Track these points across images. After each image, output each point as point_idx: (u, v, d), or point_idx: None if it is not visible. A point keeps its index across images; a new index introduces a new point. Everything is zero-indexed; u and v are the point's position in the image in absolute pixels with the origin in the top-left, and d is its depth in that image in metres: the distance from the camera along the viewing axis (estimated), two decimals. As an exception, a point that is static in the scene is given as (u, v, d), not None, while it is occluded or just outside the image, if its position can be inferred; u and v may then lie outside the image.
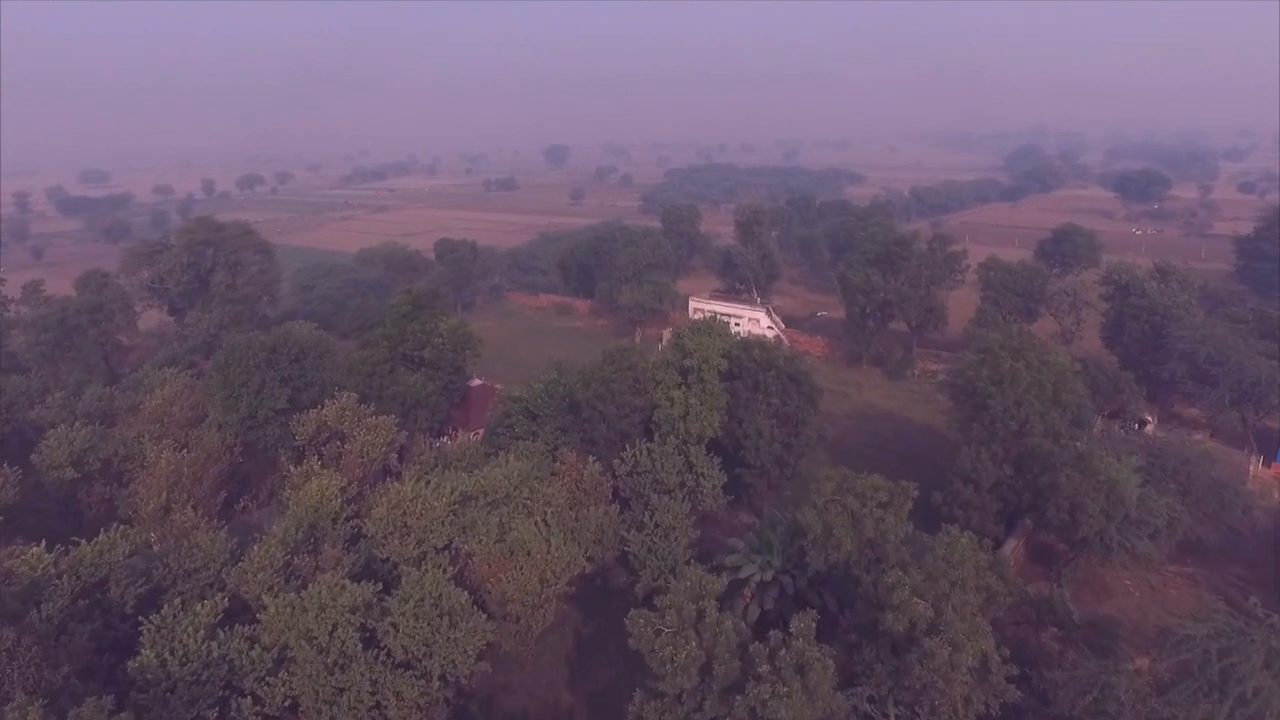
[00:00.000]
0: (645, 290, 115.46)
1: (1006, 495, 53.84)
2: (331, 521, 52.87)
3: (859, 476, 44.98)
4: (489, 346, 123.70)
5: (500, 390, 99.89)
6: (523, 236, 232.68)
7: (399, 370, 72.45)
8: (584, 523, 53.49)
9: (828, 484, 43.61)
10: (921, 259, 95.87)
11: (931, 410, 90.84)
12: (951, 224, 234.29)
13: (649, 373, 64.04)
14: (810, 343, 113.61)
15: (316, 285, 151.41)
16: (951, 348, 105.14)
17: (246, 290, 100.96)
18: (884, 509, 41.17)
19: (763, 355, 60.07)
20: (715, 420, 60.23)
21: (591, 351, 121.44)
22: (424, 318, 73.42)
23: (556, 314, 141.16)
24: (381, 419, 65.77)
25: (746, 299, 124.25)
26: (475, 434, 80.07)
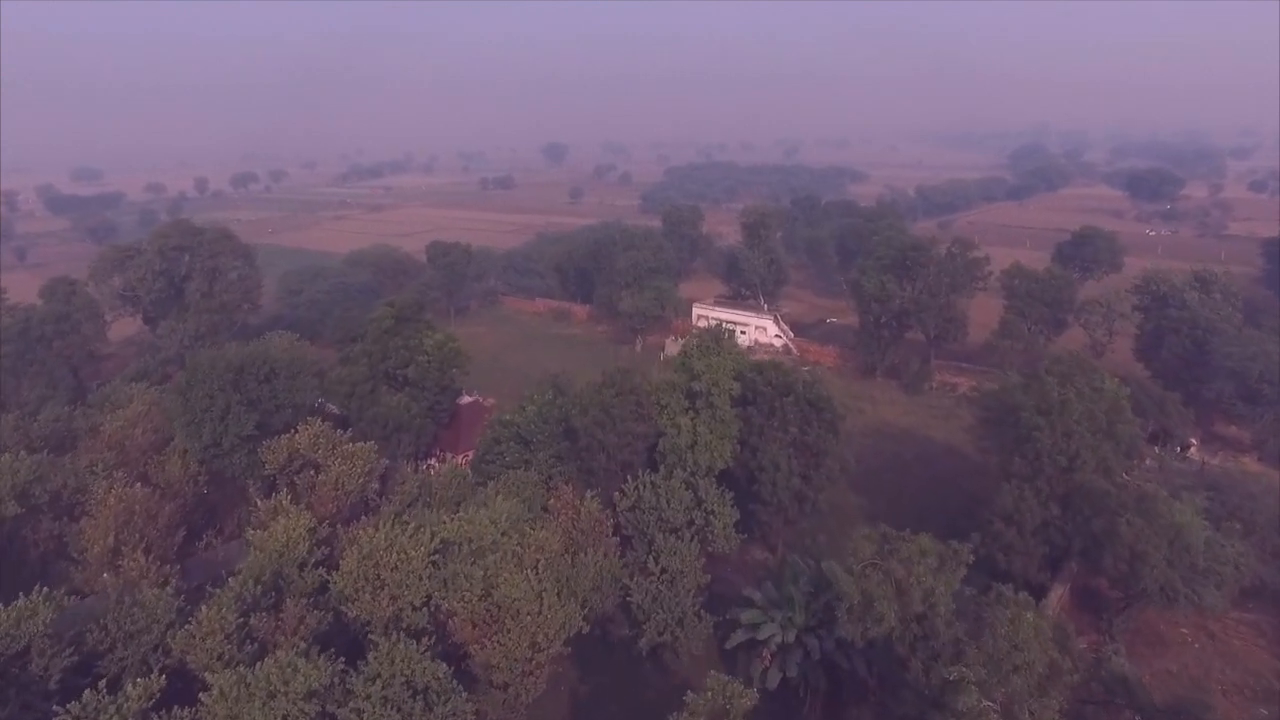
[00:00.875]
0: (646, 296, 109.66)
1: (1053, 538, 48.15)
2: (299, 569, 47.09)
3: (902, 537, 39.18)
4: (483, 354, 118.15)
5: (493, 406, 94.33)
6: (520, 237, 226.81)
7: (380, 390, 66.65)
8: (581, 569, 47.76)
9: (866, 545, 37.95)
10: (940, 266, 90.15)
11: (953, 428, 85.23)
12: (958, 224, 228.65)
13: (653, 396, 58.28)
14: (821, 352, 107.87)
15: (304, 289, 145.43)
16: (972, 359, 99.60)
17: (224, 298, 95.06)
18: (933, 575, 35.45)
19: (780, 379, 54.30)
20: (727, 450, 54.50)
21: (590, 360, 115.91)
22: (408, 332, 67.58)
23: (554, 319, 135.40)
24: (360, 445, 59.97)
25: (753, 305, 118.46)
26: (465, 457, 74.41)
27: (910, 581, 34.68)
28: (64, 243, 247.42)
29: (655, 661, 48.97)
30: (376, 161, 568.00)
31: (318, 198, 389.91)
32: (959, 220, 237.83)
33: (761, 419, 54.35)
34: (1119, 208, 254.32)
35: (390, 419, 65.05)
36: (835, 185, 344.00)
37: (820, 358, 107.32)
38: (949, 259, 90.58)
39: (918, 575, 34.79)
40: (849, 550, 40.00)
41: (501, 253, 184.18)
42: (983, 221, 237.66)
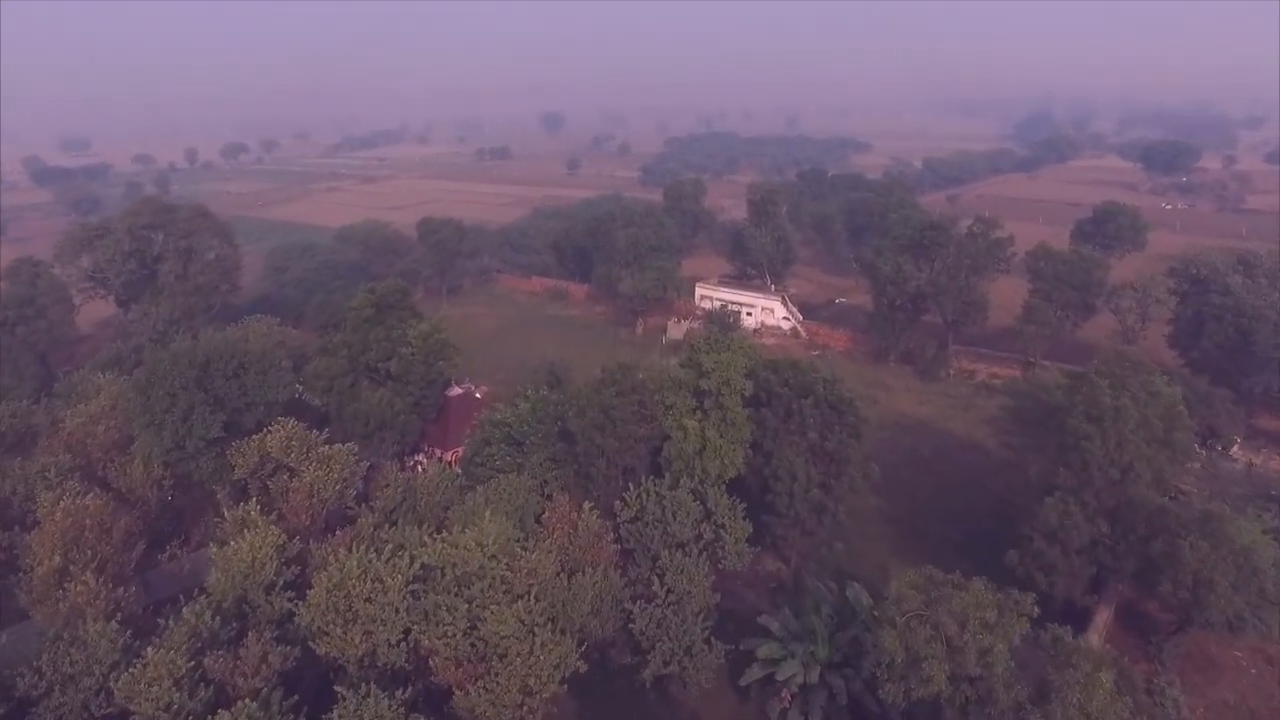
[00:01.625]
0: (648, 277, 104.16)
1: (1101, 558, 43.45)
2: (265, 593, 42.46)
3: (953, 582, 34.28)
4: (476, 337, 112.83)
5: (486, 395, 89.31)
6: (516, 211, 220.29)
7: (362, 384, 61.55)
8: (578, 592, 43.10)
9: (910, 594, 33.15)
10: (960, 246, 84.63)
11: (973, 419, 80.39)
12: (967, 197, 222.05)
13: (657, 395, 53.23)
14: (831, 336, 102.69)
15: (291, 267, 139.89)
16: (990, 344, 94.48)
17: (200, 280, 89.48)
18: (990, 632, 30.70)
19: (797, 379, 49.20)
20: (739, 457, 49.61)
21: (589, 345, 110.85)
22: (391, 321, 62.32)
23: (550, 299, 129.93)
24: (337, 448, 55.05)
25: (759, 286, 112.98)
26: (455, 454, 69.64)
27: (964, 640, 29.97)
28: (48, 216, 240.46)
29: (661, 693, 44.50)
30: (371, 131, 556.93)
31: (310, 168, 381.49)
32: (967, 193, 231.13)
33: (777, 422, 49.36)
34: (1132, 180, 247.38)
35: (372, 416, 60.02)
36: (838, 156, 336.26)
37: (830, 341, 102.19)
38: (970, 239, 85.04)
39: (973, 631, 30.04)
40: (891, 599, 35.02)
41: (496, 228, 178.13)
42: (992, 194, 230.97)
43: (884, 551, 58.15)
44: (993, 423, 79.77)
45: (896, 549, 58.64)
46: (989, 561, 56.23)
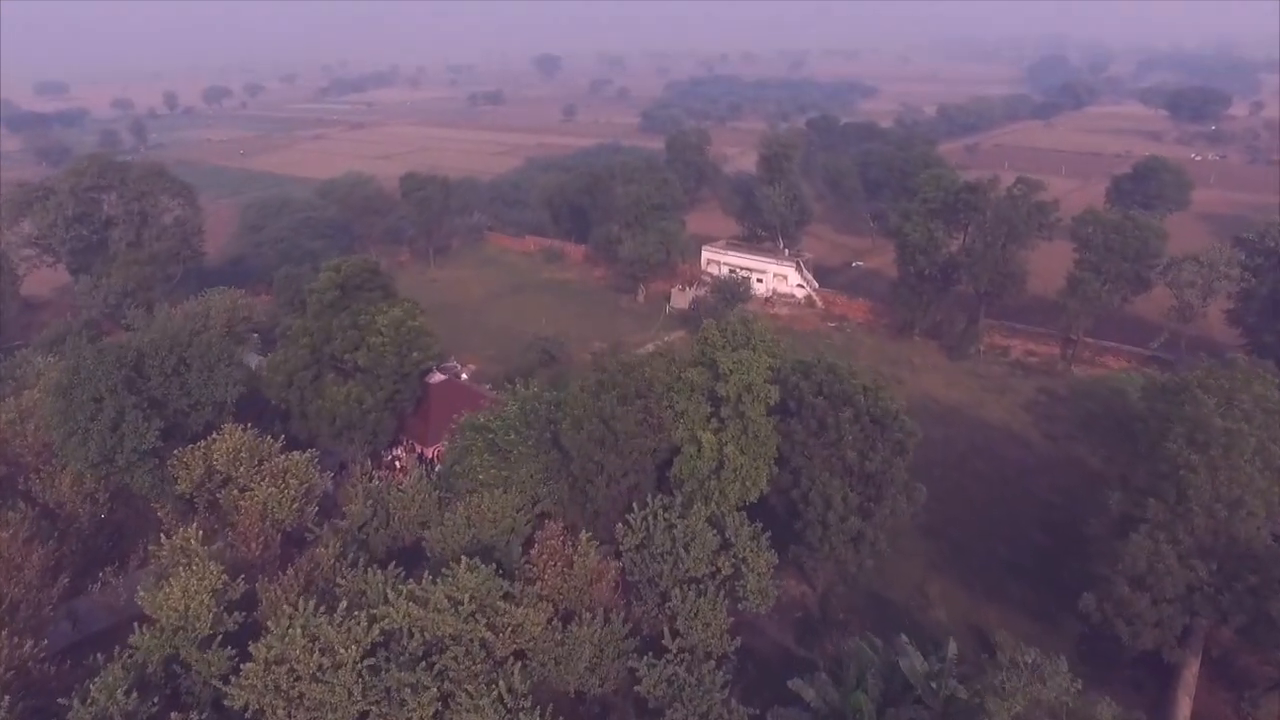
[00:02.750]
0: (650, 240, 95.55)
1: (1197, 607, 36.43)
2: (200, 650, 35.49)
3: None
4: (465, 304, 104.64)
5: (475, 373, 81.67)
6: (509, 161, 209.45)
7: (327, 378, 53.78)
8: (573, 647, 36.18)
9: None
10: (999, 210, 76.01)
11: (1010, 405, 72.91)
12: (985, 147, 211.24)
13: (665, 400, 45.53)
14: (849, 306, 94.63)
15: (267, 225, 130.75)
16: (1025, 317, 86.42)
17: (156, 247, 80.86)
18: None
19: (834, 386, 41.44)
20: (762, 477, 42.19)
21: (586, 314, 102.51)
22: (358, 305, 54.26)
23: (545, 261, 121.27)
24: (294, 458, 47.59)
25: (770, 249, 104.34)
26: (436, 451, 62.30)
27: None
28: (16, 165, 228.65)
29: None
30: (360, 75, 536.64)
31: (296, 114, 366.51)
32: (985, 142, 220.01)
33: (808, 435, 41.80)
34: (1156, 128, 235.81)
35: (338, 414, 52.42)
36: (845, 101, 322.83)
37: (849, 312, 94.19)
38: (1009, 202, 76.34)
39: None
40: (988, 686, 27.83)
41: (488, 181, 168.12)
42: (1011, 144, 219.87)
43: (920, 569, 51.28)
44: (1032, 409, 72.43)
45: (934, 565, 51.78)
46: (1042, 584, 49.74)
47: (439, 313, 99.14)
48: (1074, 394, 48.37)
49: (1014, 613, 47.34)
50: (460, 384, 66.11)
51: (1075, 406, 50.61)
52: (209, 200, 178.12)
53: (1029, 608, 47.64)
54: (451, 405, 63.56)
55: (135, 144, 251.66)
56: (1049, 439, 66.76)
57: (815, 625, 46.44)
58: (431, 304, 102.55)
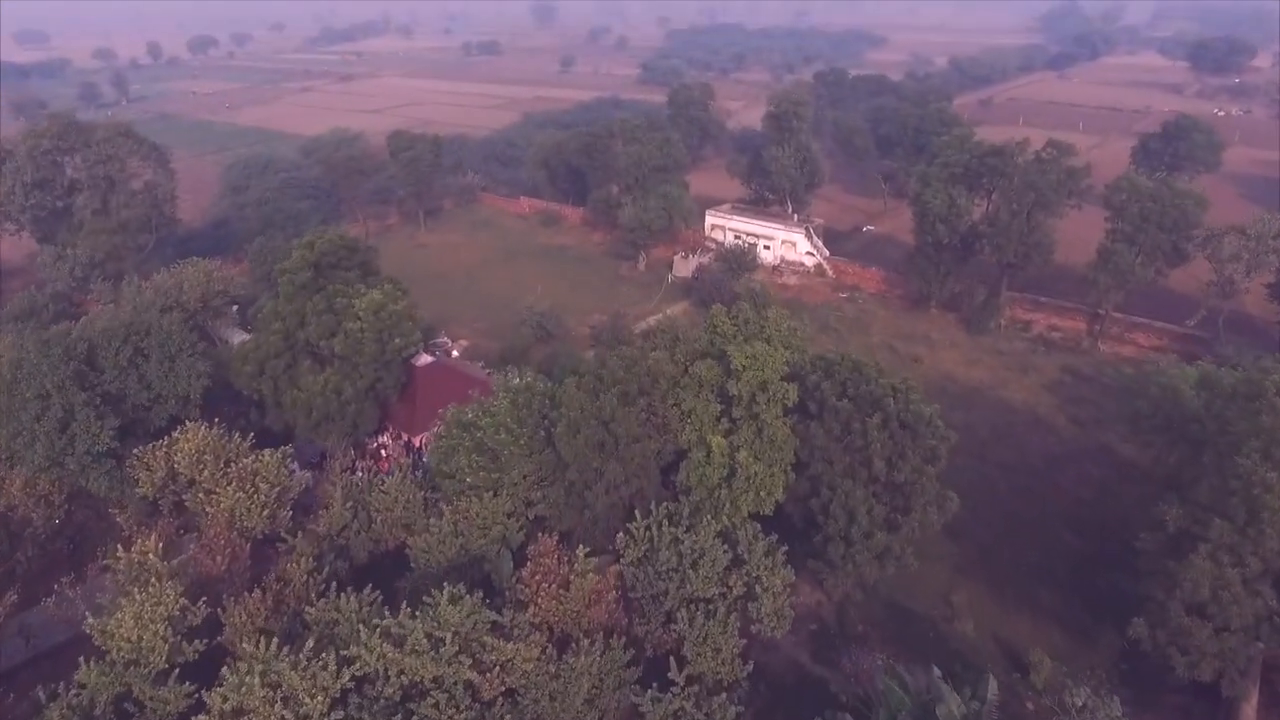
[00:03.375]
0: (651, 205, 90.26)
1: (1265, 637, 32.75)
2: (153, 685, 31.90)
3: None
4: (457, 271, 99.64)
5: (466, 348, 77.27)
6: (504, 115, 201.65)
7: (302, 366, 49.44)
8: (570, 681, 32.58)
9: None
10: (1026, 176, 70.77)
11: (1033, 386, 68.67)
12: (1000, 101, 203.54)
13: (671, 394, 41.30)
14: (861, 275, 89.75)
15: (251, 186, 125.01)
16: (1047, 288, 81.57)
17: (125, 215, 75.63)
18: None
19: (860, 387, 37.14)
20: (779, 486, 38.17)
21: (585, 282, 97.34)
22: (334, 287, 49.64)
23: (541, 224, 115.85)
24: (265, 457, 43.55)
25: (779, 213, 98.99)
26: (425, 439, 58.30)
27: None
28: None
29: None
30: (350, 24, 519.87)
31: (284, 65, 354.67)
32: (999, 95, 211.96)
33: (829, 440, 37.66)
34: (1176, 80, 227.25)
35: (315, 406, 48.22)
36: (853, 51, 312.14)
37: (861, 281, 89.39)
38: (1038, 168, 71.05)
39: None
40: None
41: (482, 137, 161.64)
42: (1025, 97, 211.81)
43: (944, 574, 47.49)
44: (1056, 390, 68.27)
45: (960, 569, 48.00)
46: (1075, 592, 46.11)
47: (429, 282, 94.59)
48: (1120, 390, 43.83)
49: (1047, 624, 43.79)
50: (449, 367, 61.74)
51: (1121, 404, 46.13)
52: (193, 157, 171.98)
53: (1063, 619, 44.08)
54: (440, 390, 59.37)
55: (117, 97, 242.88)
56: (1075, 424, 62.76)
57: (832, 638, 42.94)
58: (421, 272, 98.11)
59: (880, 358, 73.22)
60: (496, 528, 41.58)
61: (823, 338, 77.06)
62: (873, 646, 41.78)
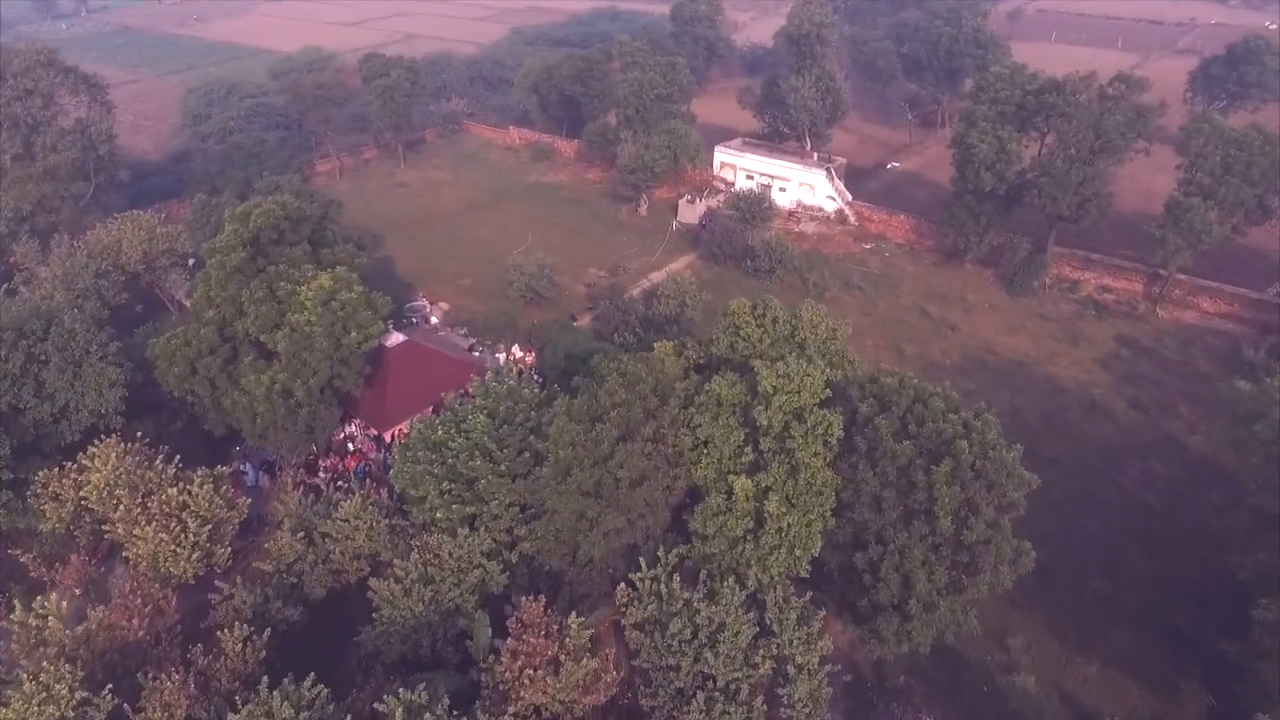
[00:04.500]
0: (654, 145, 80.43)
1: None
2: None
3: None
4: (438, 215, 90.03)
5: (447, 313, 68.97)
6: (493, 29, 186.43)
7: (243, 362, 41.63)
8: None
9: None
10: (1089, 116, 61.19)
11: (1085, 359, 60.88)
12: (1029, 14, 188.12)
13: (683, 413, 33.77)
14: (888, 222, 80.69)
15: (214, 114, 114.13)
16: (1099, 241, 72.66)
17: (55, 160, 66.05)
18: None
19: (928, 426, 29.40)
20: (816, 541, 30.96)
21: (581, 229, 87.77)
22: (276, 268, 41.32)
23: (532, 159, 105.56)
24: (198, 486, 36.28)
25: (796, 150, 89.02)
26: (399, 432, 51.15)
27: None
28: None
29: None
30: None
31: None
32: (1027, 7, 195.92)
33: (881, 484, 30.30)
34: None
35: (259, 411, 40.70)
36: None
37: (887, 230, 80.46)
38: (1103, 106, 61.35)
39: None
40: None
41: (467, 56, 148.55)
42: (1056, 9, 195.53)
43: (998, 608, 40.80)
44: (1111, 365, 60.61)
45: (1015, 602, 41.10)
46: (1149, 629, 39.74)
47: (408, 228, 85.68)
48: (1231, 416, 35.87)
49: (1120, 675, 37.47)
50: (424, 347, 53.78)
51: (1229, 428, 38.47)
52: (156, 77, 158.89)
53: (1138, 667, 37.79)
54: (415, 374, 51.83)
55: (75, 8, 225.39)
56: (1136, 409, 55.43)
57: (869, 692, 36.76)
58: (400, 216, 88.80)
59: (912, 324, 66.11)
60: (474, 572, 34.76)
61: (845, 299, 69.03)
62: (917, 705, 35.64)
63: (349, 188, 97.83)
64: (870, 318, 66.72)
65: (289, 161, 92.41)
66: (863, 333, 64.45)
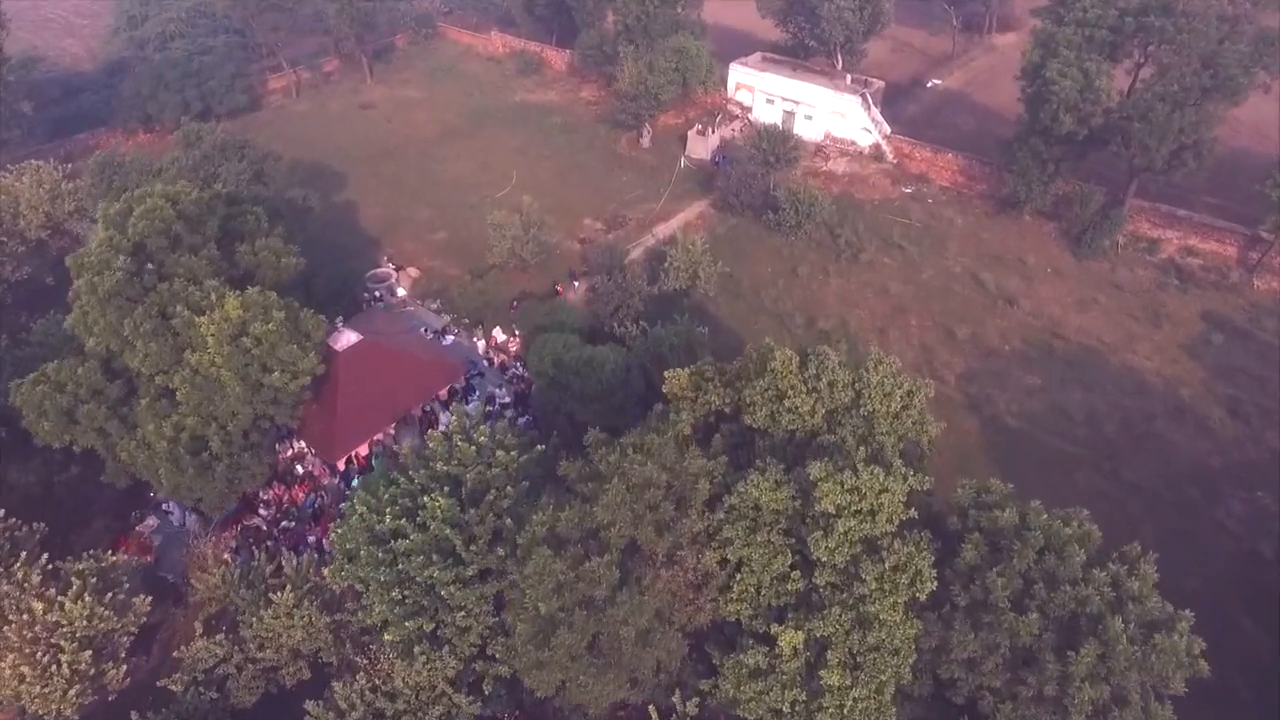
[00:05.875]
0: (661, 66, 67.99)
1: None
2: None
3: None
4: (409, 144, 77.37)
5: (416, 281, 58.76)
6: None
7: (144, 405, 32.46)
8: None
9: None
10: (1201, 44, 49.39)
11: (1168, 343, 51.45)
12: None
13: (703, 517, 25.02)
14: (933, 161, 69.15)
15: (150, 14, 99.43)
16: (1181, 191, 61.61)
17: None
18: None
19: (1061, 591, 20.68)
20: (888, 717, 22.83)
21: (573, 164, 73.85)
22: (172, 286, 31.48)
23: (518, 71, 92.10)
24: (80, 580, 27.89)
25: (825, 69, 76.23)
26: (357, 457, 42.84)
27: None
28: None
29: None
30: None
31: None
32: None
33: (985, 648, 21.88)
34: None
35: (164, 467, 31.93)
36: None
37: (931, 171, 69.12)
38: (1219, 31, 49.41)
39: None
40: None
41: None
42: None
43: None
44: (1201, 353, 51.13)
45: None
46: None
47: (374, 163, 74.24)
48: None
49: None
50: (383, 349, 43.96)
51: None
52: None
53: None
54: (372, 385, 42.63)
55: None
56: (1235, 417, 46.57)
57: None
58: (364, 147, 76.45)
59: (963, 295, 56.36)
60: (436, 707, 27.01)
61: (884, 261, 59.02)
62: None
63: (307, 109, 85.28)
64: (913, 286, 56.93)
65: (234, 80, 79.65)
66: (905, 309, 55.02)
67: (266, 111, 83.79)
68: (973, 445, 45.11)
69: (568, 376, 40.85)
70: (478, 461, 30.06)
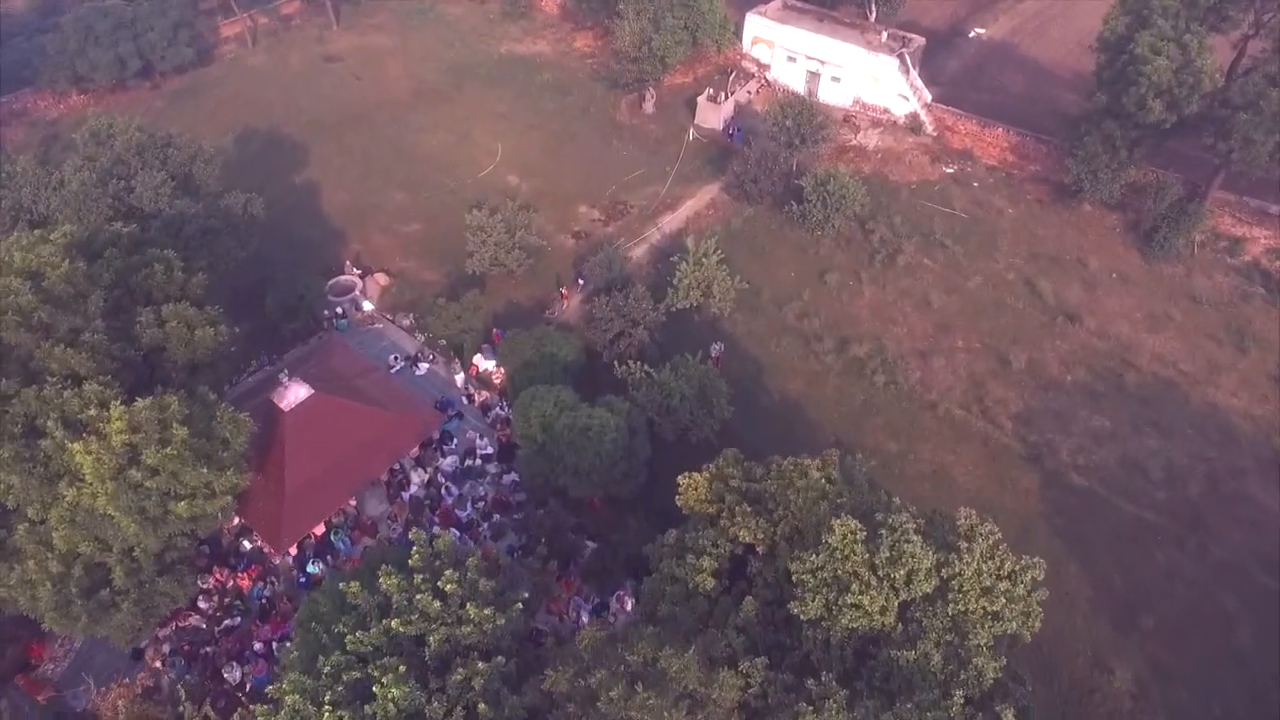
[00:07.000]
0: (669, 25, 58.34)
1: None
2: None
3: None
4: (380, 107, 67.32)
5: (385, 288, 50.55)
6: None
7: (20, 532, 25.53)
8: None
9: None
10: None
11: (1259, 376, 44.31)
12: None
13: None
14: (979, 137, 60.32)
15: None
16: (1268, 181, 53.13)
17: None
18: None
19: None
20: None
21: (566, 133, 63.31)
22: (31, 393, 24.13)
23: (503, 16, 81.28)
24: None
25: (855, 22, 66.28)
26: (315, 540, 36.53)
27: None
28: None
29: None
30: None
31: None
32: None
33: None
34: None
35: (43, 604, 25.39)
36: None
37: (976, 147, 60.38)
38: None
39: None
40: None
41: None
42: None
43: None
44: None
45: None
46: None
47: (339, 130, 65.36)
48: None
49: None
50: (340, 405, 36.47)
51: None
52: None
53: None
54: (327, 451, 35.68)
55: None
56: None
57: None
58: (327, 113, 66.42)
59: (1016, 309, 48.80)
60: None
61: (925, 264, 51.36)
62: None
63: (264, 62, 75.12)
64: (958, 297, 49.46)
65: (177, 30, 69.47)
66: (949, 326, 47.74)
67: (217, 66, 73.76)
68: (1034, 512, 38.66)
69: (560, 447, 33.97)
70: (444, 618, 23.56)
